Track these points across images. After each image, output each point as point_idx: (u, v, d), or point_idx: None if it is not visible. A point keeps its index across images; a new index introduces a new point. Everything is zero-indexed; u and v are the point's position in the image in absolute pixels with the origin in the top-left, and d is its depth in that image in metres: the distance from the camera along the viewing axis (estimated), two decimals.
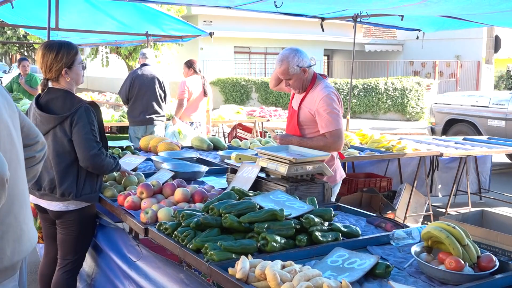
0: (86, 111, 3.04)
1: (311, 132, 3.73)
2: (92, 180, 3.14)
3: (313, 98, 3.68)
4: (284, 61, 3.64)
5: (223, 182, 3.63)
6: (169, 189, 3.10)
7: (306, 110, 3.72)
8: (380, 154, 5.88)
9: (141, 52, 7.32)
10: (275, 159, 3.13)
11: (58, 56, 3.05)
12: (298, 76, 3.66)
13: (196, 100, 7.45)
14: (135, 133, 7.03)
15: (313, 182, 3.08)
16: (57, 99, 3.09)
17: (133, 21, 9.37)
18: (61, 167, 3.04)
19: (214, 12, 23.19)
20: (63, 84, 3.13)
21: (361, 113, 20.97)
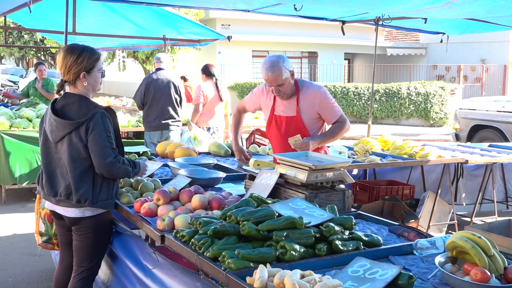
0: (102, 117, 3.07)
1: (317, 130, 3.92)
2: (108, 186, 3.16)
3: (310, 98, 3.86)
4: (276, 66, 3.74)
5: (241, 189, 3.64)
6: (186, 196, 3.11)
7: (309, 111, 3.87)
8: (402, 161, 5.84)
9: (156, 56, 7.38)
10: (294, 166, 3.12)
11: (79, 59, 3.09)
12: (288, 80, 3.81)
13: (211, 105, 7.47)
14: (151, 139, 7.08)
15: (333, 189, 3.07)
16: (73, 104, 3.12)
17: (150, 24, 9.44)
18: (77, 173, 3.06)
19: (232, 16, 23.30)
20: (80, 89, 3.16)
21: (382, 118, 20.84)
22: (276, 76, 3.75)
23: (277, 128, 4.00)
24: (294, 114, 3.92)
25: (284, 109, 3.97)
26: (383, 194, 5.95)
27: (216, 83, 7.55)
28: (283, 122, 3.97)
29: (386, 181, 6.40)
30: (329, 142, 3.98)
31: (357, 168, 5.85)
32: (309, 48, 27.44)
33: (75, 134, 3.05)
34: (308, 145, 3.72)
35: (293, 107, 3.92)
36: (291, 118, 3.93)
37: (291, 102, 3.93)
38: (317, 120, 3.93)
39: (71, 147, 3.06)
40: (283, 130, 3.97)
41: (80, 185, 3.06)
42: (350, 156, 6.08)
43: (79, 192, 3.05)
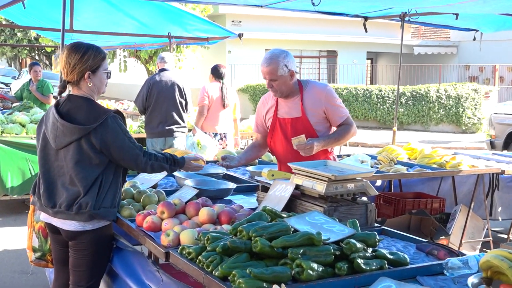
0: (115, 121, 3.14)
1: (325, 132, 3.95)
2: (114, 193, 3.20)
3: (314, 97, 3.92)
4: (274, 59, 3.81)
5: (253, 201, 3.64)
6: (192, 209, 3.12)
7: (315, 111, 3.91)
8: (431, 171, 5.81)
9: (160, 56, 7.39)
10: (311, 176, 3.12)
11: (84, 57, 3.14)
12: (284, 78, 3.85)
13: (218, 109, 7.49)
14: (153, 146, 7.10)
15: (355, 202, 3.07)
16: (80, 108, 3.16)
17: (154, 21, 9.50)
18: (88, 181, 3.09)
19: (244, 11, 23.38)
20: (84, 90, 3.20)
21: (409, 124, 20.77)
22: (270, 69, 3.82)
23: (282, 132, 4.01)
24: (299, 114, 3.94)
25: (288, 110, 3.99)
26: (410, 207, 5.92)
27: (222, 87, 7.54)
28: (288, 124, 3.98)
29: (413, 194, 6.37)
30: (334, 145, 4.01)
31: (381, 178, 5.83)
32: (327, 46, 27.45)
33: (85, 140, 3.09)
34: (312, 146, 3.74)
35: (297, 107, 3.95)
36: (296, 120, 3.95)
37: (294, 102, 3.96)
38: (324, 121, 3.96)
39: (80, 154, 3.09)
40: (289, 134, 3.98)
41: (88, 192, 3.09)
42: (373, 166, 6.06)
43: (83, 198, 3.08)
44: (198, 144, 7.07)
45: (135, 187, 3.74)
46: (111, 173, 3.19)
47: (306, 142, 3.74)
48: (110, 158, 3.15)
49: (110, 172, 3.18)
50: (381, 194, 6.16)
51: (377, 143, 16.40)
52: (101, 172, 3.13)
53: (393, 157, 6.23)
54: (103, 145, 3.09)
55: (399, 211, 5.89)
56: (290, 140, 3.91)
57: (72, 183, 3.12)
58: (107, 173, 3.16)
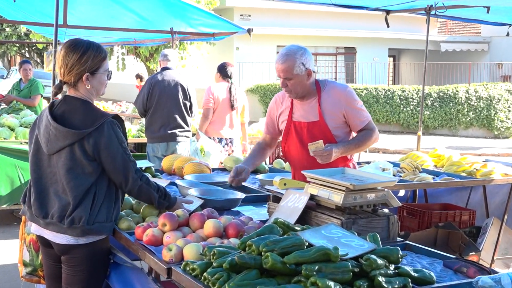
0: (112, 127, 3.14)
1: (344, 137, 3.97)
2: (109, 207, 3.20)
3: (333, 99, 3.92)
4: (291, 56, 3.83)
5: (264, 213, 3.64)
6: (197, 221, 3.12)
7: (333, 114, 3.92)
8: (460, 180, 5.79)
9: (162, 53, 7.40)
10: (328, 185, 3.12)
11: (84, 57, 3.15)
12: (300, 78, 3.86)
13: (223, 112, 7.49)
14: (154, 152, 7.11)
15: (376, 214, 3.06)
16: (76, 111, 3.17)
17: (155, 15, 9.55)
18: (79, 191, 3.10)
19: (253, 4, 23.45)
20: (82, 92, 3.21)
21: (435, 128, 20.71)
22: (286, 66, 3.84)
23: (298, 137, 4.02)
24: (316, 118, 3.95)
25: (304, 114, 4.00)
26: (437, 220, 5.90)
27: (231, 87, 7.55)
28: (304, 129, 3.99)
29: (440, 205, 6.35)
30: (354, 152, 4.03)
31: (405, 188, 5.81)
32: (345, 43, 27.45)
33: (78, 146, 3.10)
34: (330, 153, 3.75)
35: (315, 110, 3.96)
36: (313, 124, 3.95)
37: (311, 104, 3.97)
38: (343, 125, 3.97)
39: (73, 161, 3.11)
40: (304, 139, 3.98)
41: (79, 204, 3.10)
42: (396, 174, 6.04)
43: (75, 211, 3.08)
44: (201, 150, 7.07)
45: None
46: (105, 183, 3.20)
47: (324, 149, 3.74)
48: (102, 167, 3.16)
49: (104, 182, 3.19)
50: (404, 205, 6.14)
51: (400, 149, 16.35)
52: (94, 182, 3.14)
53: (417, 165, 6.21)
54: (95, 151, 3.11)
55: (425, 224, 5.87)
56: (305, 146, 3.91)
57: (64, 192, 3.13)
58: (101, 184, 3.17)
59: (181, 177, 4.75)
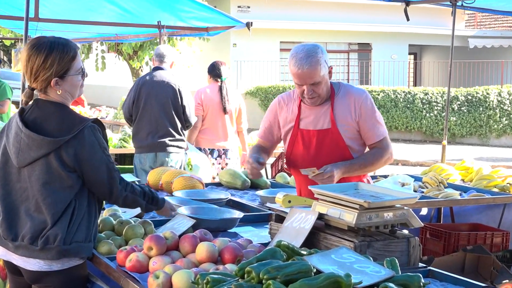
0: (93, 133, 3.15)
1: (359, 149, 4.00)
2: (88, 223, 3.20)
3: (348, 103, 3.95)
4: (313, 57, 3.82)
5: (265, 235, 3.64)
6: (188, 244, 3.12)
7: (348, 122, 3.94)
8: (491, 196, 5.79)
9: (157, 50, 7.28)
10: (339, 203, 3.12)
11: (48, 62, 3.12)
12: (326, 78, 3.91)
13: (214, 118, 7.45)
14: (142, 164, 7.08)
15: (394, 236, 3.06)
16: (50, 116, 3.17)
17: (140, 7, 9.55)
18: (58, 208, 3.10)
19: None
20: (53, 97, 3.21)
21: (463, 136, 20.72)
22: (312, 70, 3.81)
23: (305, 147, 4.01)
24: (328, 126, 3.94)
25: (314, 120, 4.00)
26: (465, 243, 5.89)
27: (221, 87, 7.51)
28: (313, 138, 3.99)
29: (468, 225, 6.34)
30: (360, 172, 4.01)
31: (428, 206, 5.80)
32: (359, 38, 27.50)
33: (55, 156, 3.10)
34: (332, 175, 3.74)
35: (327, 116, 3.96)
36: (324, 132, 3.95)
37: (323, 110, 3.98)
38: (359, 136, 4.00)
39: (49, 173, 3.11)
40: (313, 150, 3.98)
41: (57, 222, 3.09)
42: (418, 190, 6.04)
43: (51, 230, 3.08)
44: (188, 164, 7.05)
45: (115, 216, 3.75)
46: (86, 198, 3.20)
47: (325, 171, 3.73)
48: (82, 178, 3.17)
49: (84, 197, 3.19)
50: (427, 225, 6.14)
51: (422, 161, 16.36)
52: (74, 196, 3.14)
53: (442, 179, 6.22)
54: (76, 162, 3.10)
55: (451, 248, 5.86)
56: (314, 158, 3.92)
57: (38, 210, 3.12)
58: (81, 198, 3.17)
59: (170, 193, 4.75)
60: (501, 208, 6.73)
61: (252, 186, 5.32)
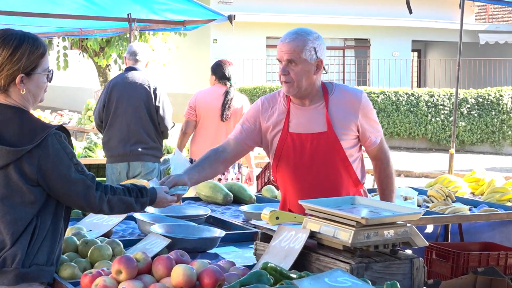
0: (58, 141, 3.13)
1: (357, 154, 4.04)
2: (52, 244, 3.18)
3: (345, 106, 3.98)
4: (302, 36, 3.91)
5: (249, 256, 3.64)
6: (162, 267, 3.12)
7: (345, 126, 3.96)
8: (505, 212, 5.82)
9: (130, 48, 7.28)
10: (333, 219, 3.13)
11: (16, 54, 3.14)
12: (308, 66, 3.90)
13: (210, 125, 7.37)
14: (113, 173, 7.09)
15: (395, 257, 3.07)
16: (9, 123, 3.15)
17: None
18: (19, 226, 3.08)
19: None
20: (14, 99, 3.19)
21: (473, 144, 20.79)
22: (293, 46, 3.88)
23: (296, 153, 4.00)
24: (323, 128, 3.95)
25: (306, 122, 4.00)
26: (475, 264, 5.91)
27: (228, 92, 7.41)
28: (306, 143, 3.98)
29: (479, 244, 6.36)
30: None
31: (434, 223, 5.82)
32: (356, 33, 27.59)
33: (15, 168, 3.09)
34: None
35: (321, 117, 3.97)
36: (319, 136, 3.95)
37: (317, 110, 3.99)
38: (356, 141, 4.04)
39: (8, 187, 3.10)
40: (306, 156, 3.98)
41: (16, 242, 3.08)
42: (422, 204, 6.06)
43: (10, 250, 3.07)
44: (166, 174, 7.02)
45: (79, 236, 3.73)
46: (50, 215, 3.18)
47: None
48: (49, 192, 3.15)
49: (48, 213, 3.17)
50: (433, 245, 6.15)
51: (427, 172, 16.41)
52: (37, 213, 3.12)
53: (450, 192, 6.23)
54: (40, 174, 3.09)
55: (460, 269, 5.87)
56: (307, 166, 3.93)
57: None
58: (44, 215, 3.15)
59: None
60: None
61: (235, 201, 5.31)
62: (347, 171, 3.99)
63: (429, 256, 6.07)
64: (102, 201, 3.23)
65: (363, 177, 4.12)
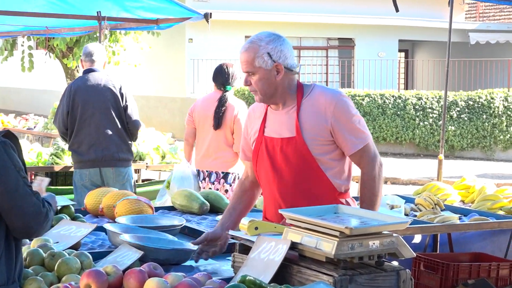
0: (5, 150, 3.10)
1: (331, 161, 3.98)
2: (9, 261, 3.17)
3: (317, 109, 3.96)
4: (254, 43, 3.92)
5: (227, 268, 3.65)
6: (134, 280, 3.11)
7: (316, 130, 3.94)
8: (496, 221, 5.84)
9: (85, 50, 7.37)
10: (315, 230, 3.13)
11: None
12: (265, 73, 3.91)
13: (205, 133, 7.27)
14: (83, 180, 7.10)
15: (381, 269, 3.08)
16: None
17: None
18: None
19: None
20: None
21: (463, 149, 20.88)
22: (246, 56, 3.92)
23: (269, 158, 4.03)
24: (292, 133, 3.96)
25: (278, 126, 4.03)
26: (466, 276, 5.94)
27: (222, 97, 7.25)
28: (276, 148, 4.01)
29: (469, 255, 6.39)
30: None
31: (422, 232, 5.84)
32: (340, 33, 27.65)
33: None
34: None
35: (291, 122, 3.98)
36: (287, 141, 3.97)
37: (288, 114, 4.01)
38: (331, 146, 3.98)
39: None
40: (276, 162, 4.00)
41: None
42: (410, 213, 6.08)
43: None
44: (167, 186, 7.07)
45: (46, 248, 3.71)
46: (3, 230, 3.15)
47: None
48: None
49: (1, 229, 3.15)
50: (420, 256, 6.18)
51: (415, 179, 16.47)
52: None
53: (438, 200, 6.26)
54: None
55: (449, 282, 5.90)
56: (279, 172, 3.95)
57: None
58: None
59: (112, 219, 4.73)
60: (507, 235, 6.80)
61: (212, 211, 5.30)
62: (319, 179, 3.97)
63: (416, 268, 6.09)
64: (48, 219, 3.19)
65: (342, 185, 4.07)
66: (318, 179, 3.96)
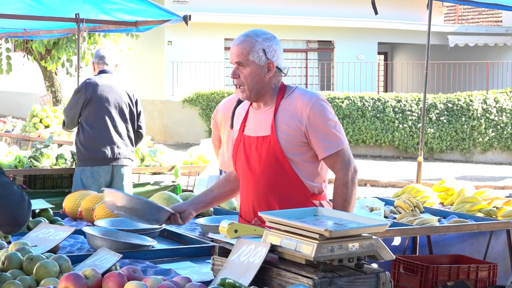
0: None
1: (304, 162, 4.00)
2: None
3: (293, 110, 3.99)
4: (251, 37, 4.00)
5: (207, 271, 3.64)
6: (113, 284, 3.11)
7: (289, 131, 3.97)
8: (475, 223, 5.86)
9: (97, 53, 7.68)
10: (295, 232, 3.13)
11: None
12: (257, 68, 3.98)
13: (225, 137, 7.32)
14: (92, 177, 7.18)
15: (361, 271, 3.08)
16: None
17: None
18: None
19: None
20: None
21: (442, 151, 20.96)
22: (240, 48, 3.97)
23: (246, 157, 4.07)
24: (267, 132, 4.00)
25: (255, 125, 4.09)
26: (445, 278, 5.95)
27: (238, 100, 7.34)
28: (252, 146, 4.05)
29: (449, 257, 6.41)
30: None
31: (401, 235, 5.85)
32: (320, 35, 27.69)
33: None
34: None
35: (268, 121, 4.02)
36: (262, 139, 4.01)
37: (267, 113, 4.06)
38: (304, 149, 4.01)
39: None
40: (251, 160, 4.04)
41: None
42: (389, 216, 6.09)
43: None
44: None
45: (24, 252, 3.70)
46: None
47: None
48: None
49: None
50: (400, 258, 6.19)
51: (394, 181, 16.51)
52: None
53: (418, 202, 6.27)
54: None
55: (429, 284, 5.91)
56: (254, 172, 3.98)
57: None
58: None
59: (91, 222, 4.71)
60: (487, 237, 6.82)
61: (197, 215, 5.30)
62: (291, 179, 3.99)
63: (396, 270, 6.11)
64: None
65: (315, 187, 4.07)
66: (290, 178, 3.99)
